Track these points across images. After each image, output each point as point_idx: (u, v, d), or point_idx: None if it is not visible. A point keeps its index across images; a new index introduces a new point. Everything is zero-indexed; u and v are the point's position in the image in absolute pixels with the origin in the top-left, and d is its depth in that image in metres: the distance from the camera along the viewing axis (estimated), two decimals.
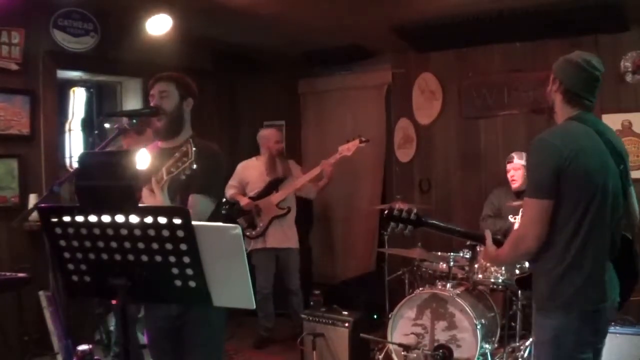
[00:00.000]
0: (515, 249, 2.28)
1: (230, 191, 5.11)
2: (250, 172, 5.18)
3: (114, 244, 1.72)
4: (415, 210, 2.51)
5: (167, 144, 2.64)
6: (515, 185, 4.49)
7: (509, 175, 4.54)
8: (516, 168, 4.47)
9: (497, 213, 4.67)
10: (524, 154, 4.39)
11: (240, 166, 5.26)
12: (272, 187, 5.09)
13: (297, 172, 5.25)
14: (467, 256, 4.19)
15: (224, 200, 4.92)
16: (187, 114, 2.68)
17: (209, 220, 1.83)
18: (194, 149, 2.30)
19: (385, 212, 2.54)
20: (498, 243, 2.39)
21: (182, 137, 2.64)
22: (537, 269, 2.29)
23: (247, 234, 5.07)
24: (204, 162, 2.50)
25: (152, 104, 2.63)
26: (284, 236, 5.10)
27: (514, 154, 4.51)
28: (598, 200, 2.16)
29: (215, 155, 2.62)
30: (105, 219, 1.69)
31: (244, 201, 5.04)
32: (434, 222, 2.53)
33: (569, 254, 2.16)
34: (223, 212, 4.76)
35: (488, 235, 2.42)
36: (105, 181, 1.68)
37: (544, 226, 2.16)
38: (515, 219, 4.47)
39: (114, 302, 1.77)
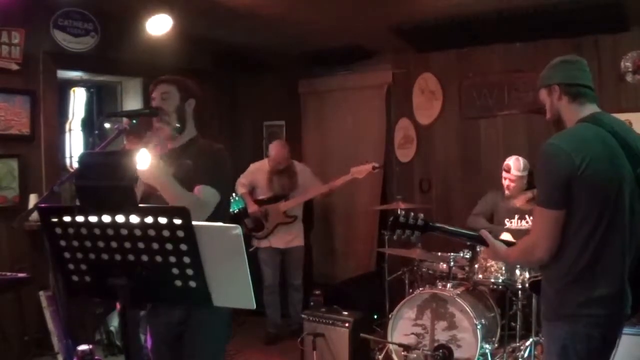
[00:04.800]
0: (525, 259, 2.25)
1: (240, 189, 5.25)
2: (260, 176, 5.27)
3: (114, 244, 1.72)
4: (422, 216, 2.41)
5: (172, 144, 2.64)
6: (507, 192, 4.42)
7: (504, 182, 4.42)
8: (512, 179, 4.33)
9: (488, 217, 4.64)
10: (521, 163, 4.31)
11: (253, 167, 5.38)
12: (280, 196, 5.19)
13: (308, 177, 5.29)
14: (467, 256, 4.19)
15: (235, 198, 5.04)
16: (189, 114, 2.67)
17: (215, 220, 1.83)
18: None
19: (391, 219, 2.44)
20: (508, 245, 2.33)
21: (185, 136, 2.64)
22: (546, 277, 2.22)
23: (253, 234, 5.21)
24: (207, 158, 2.55)
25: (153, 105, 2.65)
26: (289, 238, 5.24)
27: (511, 163, 4.33)
28: (612, 209, 2.06)
29: (218, 151, 2.63)
30: (106, 219, 1.69)
31: (252, 208, 5.17)
32: (442, 226, 2.44)
33: (580, 264, 2.08)
34: (234, 212, 4.94)
35: (486, 234, 2.36)
36: (105, 181, 1.68)
37: (555, 237, 2.08)
38: (511, 222, 4.46)
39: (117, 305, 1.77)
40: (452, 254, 4.22)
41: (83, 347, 3.85)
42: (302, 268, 5.38)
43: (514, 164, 4.33)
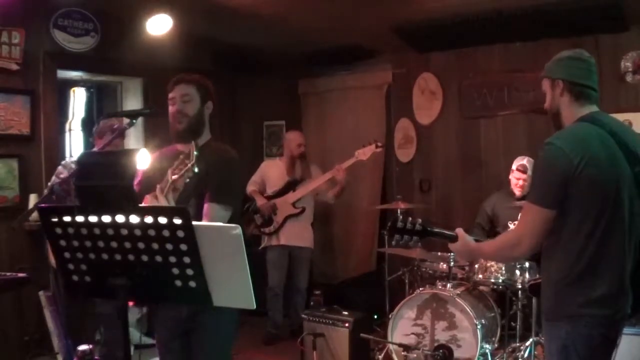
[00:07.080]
0: (503, 253, 2.25)
1: (250, 187, 5.30)
2: (272, 171, 5.35)
3: (114, 244, 1.72)
4: (420, 221, 2.38)
5: (186, 148, 2.54)
6: (519, 193, 4.44)
7: (516, 182, 4.45)
8: (525, 179, 4.39)
9: (488, 222, 4.63)
10: (532, 163, 4.35)
11: (264, 164, 5.51)
12: (289, 187, 5.23)
13: (317, 175, 5.31)
14: None
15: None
16: (206, 118, 2.60)
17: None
18: (195, 152, 2.24)
19: (389, 224, 2.42)
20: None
21: (200, 141, 2.52)
22: (546, 277, 2.21)
23: (263, 230, 5.24)
24: (220, 168, 2.47)
25: (172, 108, 2.55)
26: (298, 234, 5.23)
27: (527, 164, 4.38)
28: (610, 210, 2.06)
29: (230, 160, 2.56)
30: (106, 219, 1.69)
31: (260, 201, 5.22)
32: (440, 231, 2.42)
33: (580, 264, 2.07)
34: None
35: (461, 232, 2.35)
36: (105, 181, 1.68)
37: (541, 236, 2.09)
38: (514, 223, 4.44)
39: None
40: (452, 253, 4.21)
41: (83, 347, 3.85)
42: (308, 271, 5.37)
43: (529, 164, 4.37)
